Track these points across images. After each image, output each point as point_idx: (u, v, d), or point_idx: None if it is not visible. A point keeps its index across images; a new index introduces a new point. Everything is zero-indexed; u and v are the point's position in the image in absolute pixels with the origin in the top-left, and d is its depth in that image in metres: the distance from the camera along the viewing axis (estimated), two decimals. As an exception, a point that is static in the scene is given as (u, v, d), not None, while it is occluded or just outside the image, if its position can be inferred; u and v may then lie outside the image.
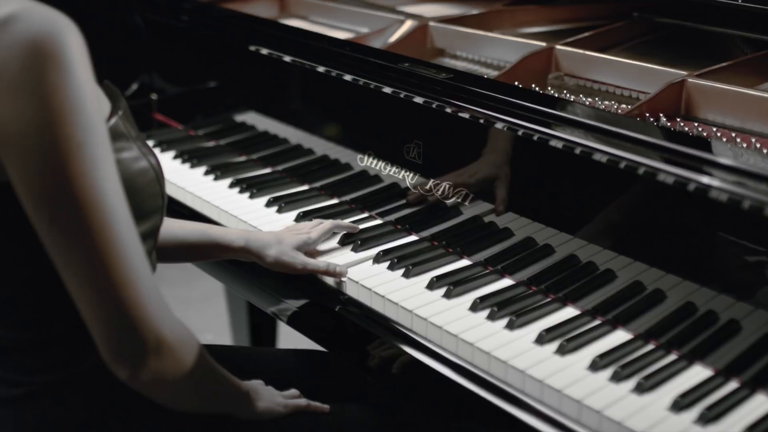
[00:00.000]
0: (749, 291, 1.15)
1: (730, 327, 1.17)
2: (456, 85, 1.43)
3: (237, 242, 1.41)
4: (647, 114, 1.44)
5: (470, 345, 1.20)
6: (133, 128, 1.13)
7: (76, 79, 0.95)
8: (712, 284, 1.19)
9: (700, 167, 1.16)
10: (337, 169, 1.66)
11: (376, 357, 1.30)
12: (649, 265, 1.27)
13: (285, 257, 1.40)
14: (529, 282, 1.34)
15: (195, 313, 3.04)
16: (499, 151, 1.39)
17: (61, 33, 0.94)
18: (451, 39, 1.83)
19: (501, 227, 1.42)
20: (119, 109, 1.10)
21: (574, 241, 1.35)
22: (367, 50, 1.64)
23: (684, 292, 1.22)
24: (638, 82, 1.57)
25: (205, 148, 1.87)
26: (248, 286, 1.55)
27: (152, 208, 1.14)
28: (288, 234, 1.45)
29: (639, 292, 1.27)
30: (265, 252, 1.40)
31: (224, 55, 1.89)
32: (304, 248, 1.43)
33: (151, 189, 1.12)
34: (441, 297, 1.31)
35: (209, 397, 1.17)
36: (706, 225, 1.17)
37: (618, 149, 1.23)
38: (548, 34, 1.91)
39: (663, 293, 1.25)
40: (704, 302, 1.21)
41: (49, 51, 0.93)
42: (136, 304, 0.98)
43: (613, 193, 1.27)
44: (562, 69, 1.68)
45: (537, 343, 1.19)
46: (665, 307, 1.24)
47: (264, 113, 1.81)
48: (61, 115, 0.93)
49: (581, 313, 1.26)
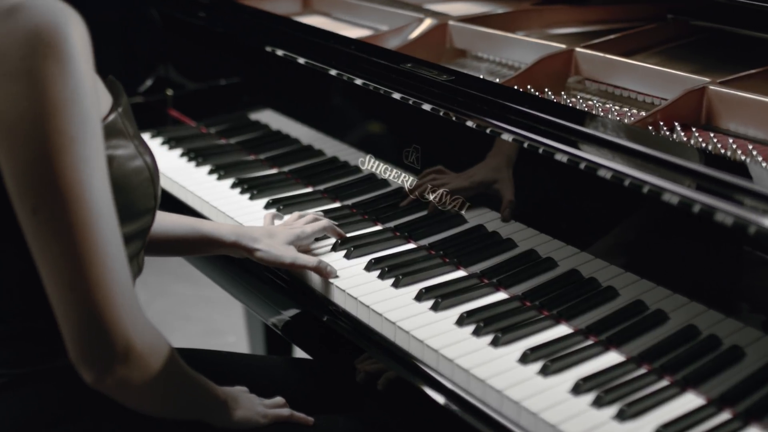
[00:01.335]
0: (758, 316, 1.10)
1: (732, 354, 1.13)
2: (455, 89, 1.41)
3: (228, 237, 1.42)
4: (661, 122, 1.40)
5: (450, 361, 1.18)
6: (132, 126, 1.15)
7: (75, 71, 0.97)
8: (720, 307, 1.15)
9: (708, 187, 1.12)
10: (345, 172, 1.65)
11: (362, 371, 1.29)
12: (656, 283, 1.23)
13: (274, 251, 1.40)
14: (523, 297, 1.31)
15: (218, 314, 3.07)
16: (503, 158, 1.37)
17: (63, 24, 0.97)
18: (471, 39, 1.82)
19: (504, 237, 1.40)
20: (119, 106, 1.12)
21: (580, 256, 1.32)
22: (370, 49, 1.63)
23: (688, 314, 1.19)
24: (660, 89, 1.54)
25: (214, 147, 1.89)
26: (247, 294, 1.56)
27: (144, 208, 1.15)
28: (280, 228, 1.45)
29: (639, 312, 1.23)
30: (254, 245, 1.41)
31: (240, 53, 1.91)
32: (297, 243, 1.43)
33: (144, 189, 1.14)
34: (428, 309, 1.29)
35: (180, 404, 1.17)
36: (720, 245, 1.13)
37: (623, 165, 1.19)
38: (576, 35, 1.88)
39: (665, 314, 1.21)
40: (708, 326, 1.17)
41: (49, 41, 0.96)
42: (109, 308, 0.99)
43: (622, 209, 1.24)
44: (582, 73, 1.65)
45: (521, 362, 1.17)
46: (665, 330, 1.20)
47: (280, 111, 1.82)
48: (56, 107, 0.96)
49: (574, 332, 1.24)
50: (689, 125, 1.41)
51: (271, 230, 1.44)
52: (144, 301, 3.16)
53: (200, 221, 1.45)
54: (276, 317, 1.47)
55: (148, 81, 2.06)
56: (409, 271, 1.37)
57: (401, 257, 1.42)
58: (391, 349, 1.26)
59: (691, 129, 1.39)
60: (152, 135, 1.95)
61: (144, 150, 1.15)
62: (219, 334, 2.97)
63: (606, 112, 1.49)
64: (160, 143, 1.92)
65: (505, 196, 1.37)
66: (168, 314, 3.09)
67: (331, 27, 2.04)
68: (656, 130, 1.39)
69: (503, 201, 1.37)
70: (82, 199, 0.97)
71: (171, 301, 3.16)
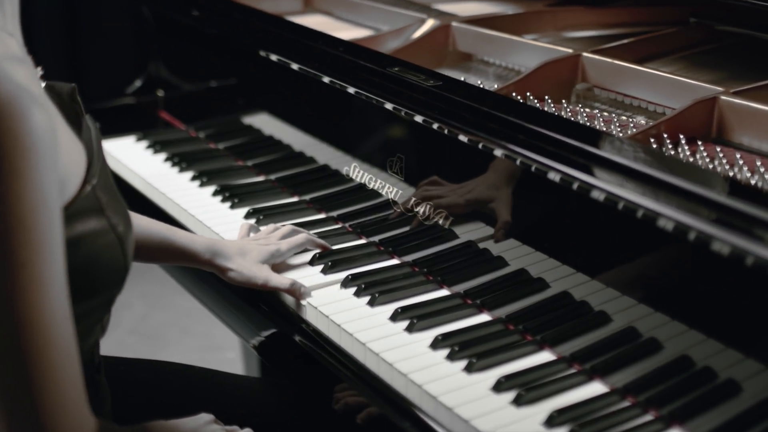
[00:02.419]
0: (758, 349, 1.08)
1: (727, 388, 1.11)
2: (439, 95, 1.39)
3: (203, 255, 1.42)
4: (665, 134, 1.38)
5: (418, 387, 1.17)
6: (108, 192, 1.07)
7: (36, 175, 0.89)
8: (720, 337, 1.12)
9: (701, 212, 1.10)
10: (334, 181, 1.65)
11: (341, 401, 1.28)
12: (654, 309, 1.21)
13: (246, 272, 1.39)
14: (507, 320, 1.30)
15: (218, 329, 3.08)
16: (493, 171, 1.35)
17: (23, 113, 0.88)
18: (474, 42, 1.80)
19: (495, 255, 1.39)
20: (93, 176, 1.04)
21: (574, 277, 1.30)
22: (357, 52, 1.63)
23: (684, 343, 1.16)
24: (672, 98, 1.51)
25: (200, 151, 1.90)
26: (222, 307, 1.56)
27: (112, 281, 1.10)
28: (254, 245, 1.44)
29: (631, 339, 1.21)
30: (226, 265, 1.40)
31: (234, 54, 1.92)
32: (271, 261, 1.43)
33: (114, 264, 1.08)
34: (403, 330, 1.28)
35: None
36: (721, 273, 1.10)
37: (613, 185, 1.17)
38: (591, 39, 1.86)
39: (659, 343, 1.19)
40: (704, 357, 1.14)
41: (5, 138, 0.87)
42: None
43: (622, 231, 1.21)
44: (590, 79, 1.63)
45: (494, 391, 1.15)
46: (656, 360, 1.18)
47: (275, 115, 1.83)
48: (7, 226, 0.89)
49: (556, 359, 1.22)
50: (696, 138, 1.38)
51: (244, 247, 1.43)
52: (141, 314, 3.19)
53: (174, 231, 1.45)
54: (253, 336, 1.47)
55: (137, 82, 2.08)
56: (387, 288, 1.36)
57: (381, 274, 1.41)
58: (361, 373, 1.25)
59: (697, 143, 1.37)
60: (138, 138, 1.97)
61: (116, 218, 1.07)
62: (218, 349, 2.98)
63: (608, 122, 1.47)
64: (145, 147, 1.93)
65: (499, 214, 1.35)
66: (166, 327, 3.10)
67: (331, 26, 2.05)
68: (659, 142, 1.37)
69: (498, 219, 1.36)
70: (34, 326, 0.92)
71: (170, 314, 3.17)
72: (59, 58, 2.88)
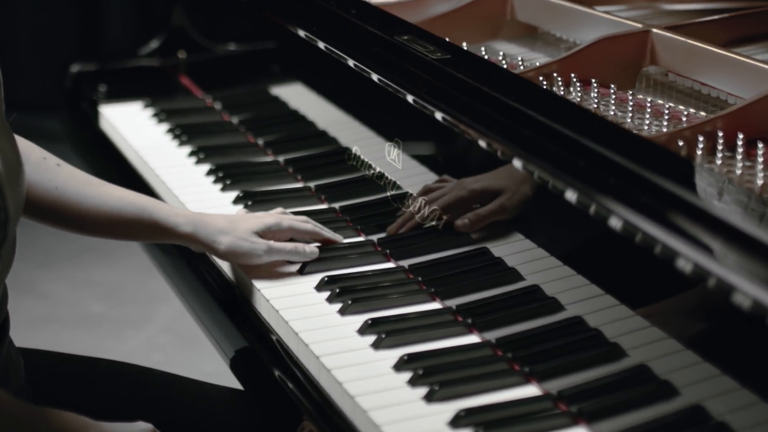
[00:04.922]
0: None
1: None
2: (443, 71, 1.36)
3: (183, 227, 1.42)
4: (720, 132, 1.30)
5: (364, 412, 1.14)
6: None
7: None
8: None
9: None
10: (349, 168, 1.63)
11: (306, 429, 1.27)
12: (685, 346, 1.15)
13: (243, 243, 1.40)
14: (496, 344, 1.26)
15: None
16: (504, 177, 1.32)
17: None
18: (535, 11, 1.76)
19: (509, 266, 1.35)
20: None
21: (596, 300, 1.25)
22: (368, 16, 1.61)
23: (704, 392, 1.10)
24: (748, 88, 1.43)
25: (208, 124, 1.92)
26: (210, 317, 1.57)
27: None
28: (247, 216, 1.46)
29: (640, 381, 1.15)
30: (215, 239, 1.41)
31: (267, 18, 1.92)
32: (267, 235, 1.43)
33: None
34: (368, 346, 1.26)
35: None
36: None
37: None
38: (685, 13, 1.78)
39: (673, 389, 1.13)
40: (724, 412, 1.08)
41: None
42: None
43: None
44: (660, 62, 1.56)
45: (451, 426, 1.12)
46: (663, 408, 1.12)
47: (311, 87, 1.81)
48: None
49: (540, 396, 1.17)
50: (754, 139, 1.30)
51: (234, 219, 1.44)
52: (179, 310, 3.23)
53: (152, 202, 1.45)
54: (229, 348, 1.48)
55: (153, 42, 2.11)
56: (365, 296, 1.35)
57: (364, 279, 1.40)
58: (311, 391, 1.24)
59: (756, 144, 1.29)
60: (145, 105, 2.01)
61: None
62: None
63: (659, 115, 1.41)
64: (150, 115, 1.97)
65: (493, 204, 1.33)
66: (167, 329, 3.12)
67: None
68: (710, 142, 1.30)
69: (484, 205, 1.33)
70: None
71: (174, 310, 3.18)
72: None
